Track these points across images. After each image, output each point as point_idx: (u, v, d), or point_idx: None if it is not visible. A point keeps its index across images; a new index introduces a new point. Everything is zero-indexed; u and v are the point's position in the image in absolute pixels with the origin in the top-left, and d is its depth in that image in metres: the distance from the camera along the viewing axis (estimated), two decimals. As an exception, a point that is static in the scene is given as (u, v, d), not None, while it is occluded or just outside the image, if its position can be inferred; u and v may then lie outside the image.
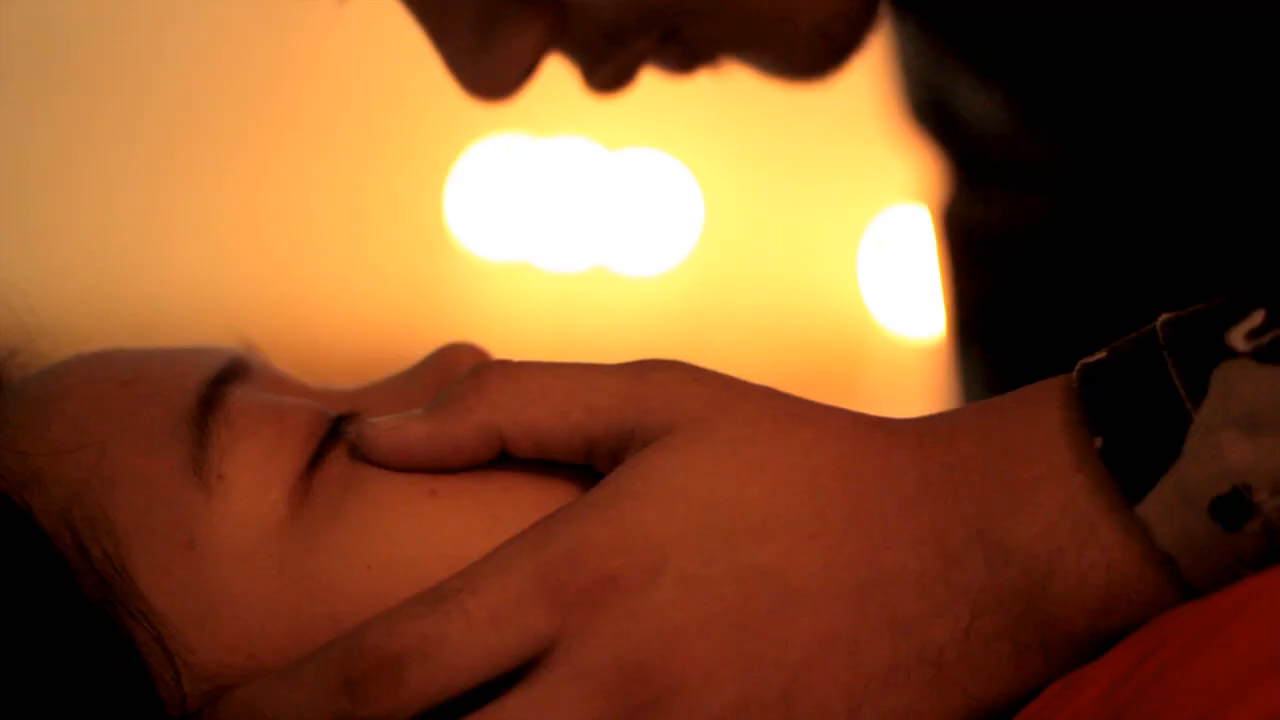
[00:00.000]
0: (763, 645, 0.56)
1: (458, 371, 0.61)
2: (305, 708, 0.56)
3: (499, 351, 0.63)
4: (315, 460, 0.60)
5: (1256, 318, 0.54)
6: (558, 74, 0.76)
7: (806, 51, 0.76)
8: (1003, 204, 0.92)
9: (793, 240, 2.38)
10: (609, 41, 0.73)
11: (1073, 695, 0.54)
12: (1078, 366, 0.56)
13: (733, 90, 0.83)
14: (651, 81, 0.77)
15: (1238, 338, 0.54)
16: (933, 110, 0.93)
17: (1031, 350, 0.92)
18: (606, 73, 0.74)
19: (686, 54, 0.75)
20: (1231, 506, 0.54)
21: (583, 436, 0.59)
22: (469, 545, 0.58)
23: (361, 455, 0.60)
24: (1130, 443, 0.55)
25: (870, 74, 0.90)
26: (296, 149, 2.39)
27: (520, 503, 0.59)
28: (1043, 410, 0.57)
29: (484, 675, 0.55)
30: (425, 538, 0.59)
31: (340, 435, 0.60)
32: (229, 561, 0.58)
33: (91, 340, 0.65)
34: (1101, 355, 0.56)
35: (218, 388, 0.60)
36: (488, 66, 0.72)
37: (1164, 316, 0.56)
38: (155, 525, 0.58)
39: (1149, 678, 0.52)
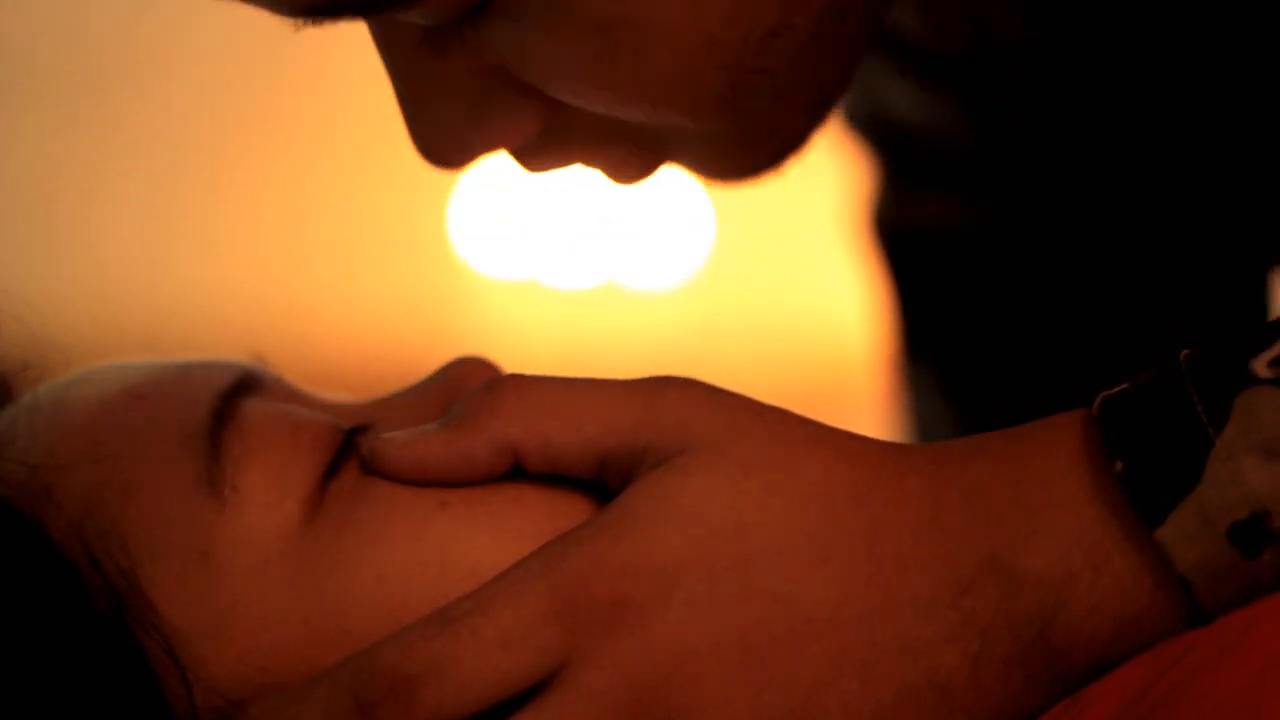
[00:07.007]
0: (773, 669, 0.56)
1: (468, 386, 0.61)
2: None
3: (509, 368, 0.63)
4: (329, 473, 0.59)
5: None
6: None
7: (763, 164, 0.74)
8: (940, 210, 0.92)
9: (804, 255, 2.37)
10: (589, 139, 0.70)
11: (1080, 713, 0.54)
12: (1098, 397, 0.56)
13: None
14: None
15: (1261, 365, 0.54)
16: (871, 120, 0.93)
17: (981, 363, 0.92)
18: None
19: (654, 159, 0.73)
20: (1250, 532, 0.54)
21: (596, 452, 0.59)
22: (480, 557, 0.58)
23: (374, 469, 0.60)
24: (1150, 467, 0.54)
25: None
26: (305, 165, 2.39)
27: (532, 515, 0.59)
28: (1060, 439, 0.57)
29: (496, 696, 0.55)
30: (436, 550, 0.59)
31: (353, 448, 0.60)
32: (241, 574, 0.58)
33: (102, 353, 0.65)
34: (1122, 386, 0.56)
35: (230, 400, 0.60)
36: (469, 142, 0.66)
37: (1186, 348, 0.56)
38: (168, 538, 0.58)
39: (1166, 695, 0.52)
